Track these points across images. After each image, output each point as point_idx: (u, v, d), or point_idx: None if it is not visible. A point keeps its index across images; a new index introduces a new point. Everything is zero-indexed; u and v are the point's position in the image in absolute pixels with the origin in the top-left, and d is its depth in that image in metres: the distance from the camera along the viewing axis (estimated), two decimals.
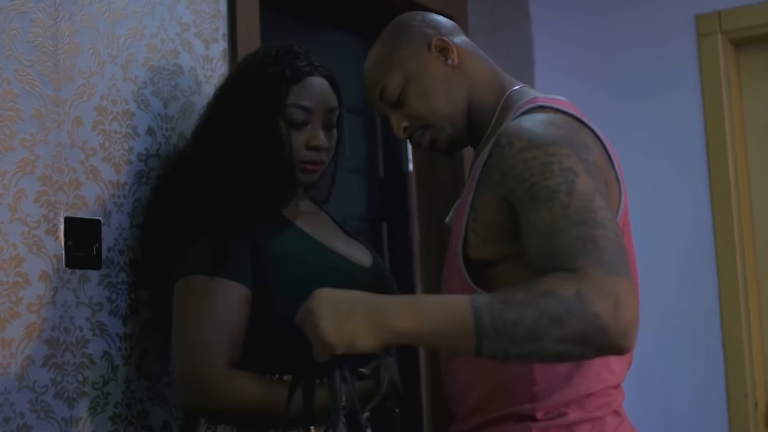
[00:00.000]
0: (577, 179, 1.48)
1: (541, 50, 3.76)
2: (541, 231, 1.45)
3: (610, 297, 1.37)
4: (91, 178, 1.98)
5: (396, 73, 1.81)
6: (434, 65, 1.80)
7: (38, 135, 1.89)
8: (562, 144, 1.53)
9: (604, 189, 1.52)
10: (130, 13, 2.10)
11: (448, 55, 1.80)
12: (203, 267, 1.83)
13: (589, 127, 1.65)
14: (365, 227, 3.14)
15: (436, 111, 1.80)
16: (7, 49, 1.85)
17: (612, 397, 1.66)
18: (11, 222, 1.82)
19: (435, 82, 1.79)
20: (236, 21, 2.35)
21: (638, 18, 3.59)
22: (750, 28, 3.44)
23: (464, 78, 1.81)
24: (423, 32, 1.83)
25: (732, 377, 3.36)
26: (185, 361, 1.80)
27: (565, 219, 1.44)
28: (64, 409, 1.88)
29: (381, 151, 3.23)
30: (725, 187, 3.40)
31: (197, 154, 1.99)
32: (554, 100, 1.70)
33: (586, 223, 1.42)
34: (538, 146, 1.53)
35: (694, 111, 3.47)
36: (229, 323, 1.80)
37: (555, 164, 1.49)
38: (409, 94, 1.81)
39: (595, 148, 1.60)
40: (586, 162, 1.51)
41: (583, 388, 1.61)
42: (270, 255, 1.86)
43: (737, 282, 3.36)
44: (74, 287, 1.92)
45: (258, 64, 1.97)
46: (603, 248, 1.40)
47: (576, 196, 1.45)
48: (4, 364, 1.79)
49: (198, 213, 1.89)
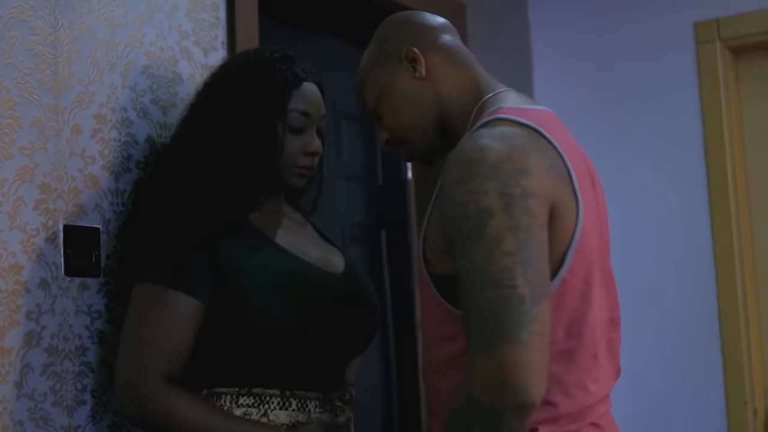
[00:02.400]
0: (491, 221, 1.49)
1: (540, 56, 3.76)
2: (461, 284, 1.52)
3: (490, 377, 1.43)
4: (90, 186, 1.98)
5: (371, 86, 1.83)
6: (403, 78, 1.80)
7: (37, 143, 1.89)
8: (487, 178, 1.51)
9: (528, 220, 1.50)
10: (129, 21, 2.11)
11: (417, 66, 1.79)
12: (158, 277, 1.82)
13: (548, 139, 1.61)
14: (364, 235, 3.14)
15: (405, 126, 1.80)
16: (6, 57, 1.85)
17: (590, 411, 1.64)
18: (10, 230, 1.82)
19: (403, 97, 1.79)
20: (235, 29, 2.35)
21: (637, 25, 3.59)
22: (748, 35, 3.44)
23: (435, 88, 1.79)
24: (397, 42, 1.81)
25: (731, 384, 3.36)
26: (122, 367, 1.80)
27: (469, 274, 1.49)
28: (63, 418, 1.88)
29: (380, 158, 3.23)
30: (724, 193, 3.40)
31: (180, 153, 1.97)
32: (518, 111, 1.66)
33: (481, 282, 1.47)
34: (463, 181, 1.53)
35: (692, 117, 3.48)
36: (173, 336, 1.80)
37: (472, 205, 1.51)
38: (382, 109, 1.82)
39: (541, 168, 1.56)
40: (509, 196, 1.50)
41: (554, 412, 1.59)
42: (233, 265, 1.85)
43: (736, 288, 3.36)
44: (73, 295, 1.92)
45: (255, 65, 1.96)
46: (487, 315, 1.45)
47: (483, 243, 1.48)
48: (3, 373, 1.79)
49: (162, 219, 1.88)
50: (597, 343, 1.64)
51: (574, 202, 1.60)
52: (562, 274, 1.58)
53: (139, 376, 1.77)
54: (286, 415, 1.84)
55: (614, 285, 1.74)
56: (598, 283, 1.65)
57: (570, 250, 1.58)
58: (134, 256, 1.91)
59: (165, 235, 1.86)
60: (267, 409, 1.83)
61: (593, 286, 1.63)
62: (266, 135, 1.91)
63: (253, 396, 1.84)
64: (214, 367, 1.84)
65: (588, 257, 1.62)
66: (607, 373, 1.69)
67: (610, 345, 1.71)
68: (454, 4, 3.33)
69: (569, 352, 1.60)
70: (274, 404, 1.84)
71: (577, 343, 1.61)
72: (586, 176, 1.68)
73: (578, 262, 1.60)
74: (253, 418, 1.82)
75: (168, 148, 2.06)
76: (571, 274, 1.59)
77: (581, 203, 1.61)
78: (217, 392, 1.84)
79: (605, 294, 1.69)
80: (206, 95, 2.00)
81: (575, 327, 1.61)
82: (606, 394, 1.69)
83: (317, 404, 1.88)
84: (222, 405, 1.83)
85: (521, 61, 3.73)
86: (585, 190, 1.64)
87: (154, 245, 1.86)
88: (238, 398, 1.83)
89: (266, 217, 1.98)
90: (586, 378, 1.61)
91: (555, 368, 1.55)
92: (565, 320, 1.59)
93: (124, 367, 1.80)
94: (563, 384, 1.59)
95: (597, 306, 1.65)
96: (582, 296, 1.61)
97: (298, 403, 1.85)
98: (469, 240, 1.50)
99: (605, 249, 1.72)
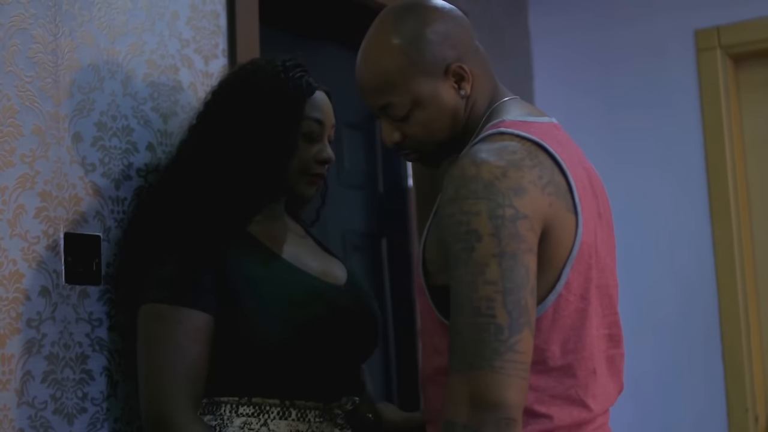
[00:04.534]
0: (478, 245, 1.51)
1: (541, 64, 3.77)
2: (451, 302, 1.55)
3: (465, 401, 1.48)
4: (91, 194, 1.98)
5: (407, 93, 1.70)
6: (447, 94, 1.71)
7: (38, 151, 1.89)
8: (480, 197, 1.52)
9: (515, 246, 1.51)
10: (130, 29, 2.11)
11: (463, 85, 1.71)
12: (168, 296, 1.82)
13: (549, 153, 1.60)
14: (365, 243, 3.14)
15: (435, 139, 1.74)
16: (7, 65, 1.85)
17: (587, 425, 1.64)
18: (11, 238, 1.82)
19: (443, 113, 1.71)
20: (236, 37, 2.36)
21: (638, 33, 3.60)
22: (749, 43, 3.45)
23: (470, 103, 1.73)
24: (443, 53, 1.69)
25: (732, 392, 3.35)
26: (148, 394, 1.80)
27: (455, 298, 1.53)
28: (63, 426, 1.88)
29: (381, 166, 3.23)
30: (725, 201, 3.41)
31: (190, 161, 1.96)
32: (520, 124, 1.65)
33: (464, 307, 1.51)
34: (458, 200, 1.55)
35: (693, 125, 3.48)
36: (192, 355, 1.80)
37: (463, 226, 1.53)
38: (414, 118, 1.71)
39: (536, 186, 1.56)
40: (500, 219, 1.51)
41: (549, 424, 1.60)
42: (237, 278, 1.85)
43: (737, 296, 3.36)
44: (74, 303, 1.92)
45: (270, 73, 1.95)
46: (467, 341, 1.49)
47: (469, 269, 1.51)
48: (3, 380, 1.79)
49: (169, 231, 1.88)
50: (595, 359, 1.64)
51: (573, 218, 1.60)
52: (559, 289, 1.59)
53: (167, 402, 1.77)
54: (285, 425, 1.84)
55: (613, 302, 1.72)
56: (595, 299, 1.65)
57: (567, 265, 1.59)
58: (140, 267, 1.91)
59: (171, 249, 1.86)
60: (267, 419, 1.83)
61: (591, 302, 1.63)
62: (283, 142, 1.91)
63: (253, 405, 1.84)
64: (215, 376, 1.84)
65: (585, 273, 1.62)
66: (607, 389, 1.69)
67: (611, 362, 1.71)
68: None
69: (566, 368, 1.60)
70: (274, 414, 1.84)
71: (573, 359, 1.61)
72: (589, 190, 1.67)
73: (575, 277, 1.60)
74: (253, 427, 1.82)
75: (176, 156, 2.05)
76: (567, 289, 1.59)
77: (581, 219, 1.60)
78: (217, 401, 1.84)
79: (603, 311, 1.68)
80: (218, 103, 1.98)
81: (572, 343, 1.61)
82: (606, 409, 1.69)
83: (317, 414, 1.87)
84: (222, 414, 1.83)
85: (522, 69, 3.73)
86: (586, 204, 1.63)
87: (160, 260, 1.85)
88: (238, 407, 1.83)
89: (267, 228, 1.98)
90: (583, 393, 1.62)
91: (551, 383, 1.58)
92: (562, 336, 1.60)
93: (151, 394, 1.79)
94: (559, 398, 1.60)
95: (595, 322, 1.65)
96: (579, 312, 1.61)
97: (297, 413, 1.85)
98: (458, 262, 1.53)
99: (607, 266, 1.70)
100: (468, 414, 1.47)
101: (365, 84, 1.74)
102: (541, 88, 3.75)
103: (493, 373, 1.47)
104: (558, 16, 3.73)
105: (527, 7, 3.79)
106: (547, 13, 3.75)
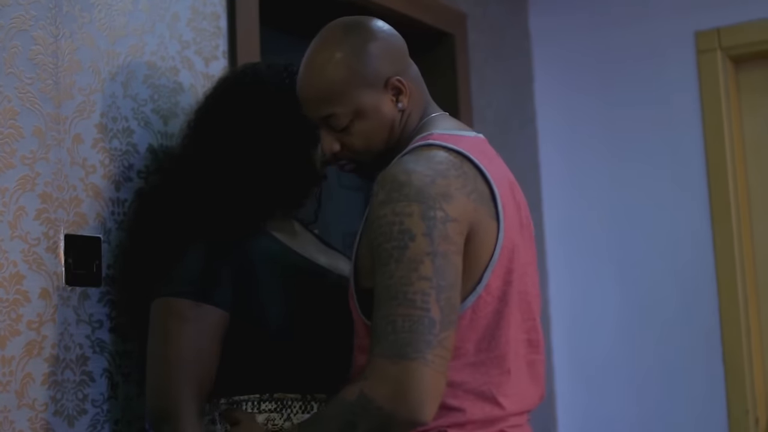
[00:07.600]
0: (412, 243, 1.59)
1: (541, 66, 3.77)
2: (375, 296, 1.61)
3: (390, 385, 1.54)
4: (92, 196, 1.98)
5: (347, 102, 1.77)
6: (386, 107, 1.79)
7: (39, 152, 1.89)
8: (411, 200, 1.61)
9: (446, 247, 1.60)
10: (131, 31, 2.11)
11: (401, 98, 1.79)
12: (185, 290, 1.82)
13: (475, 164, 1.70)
14: None
15: (372, 150, 1.81)
16: (7, 67, 1.85)
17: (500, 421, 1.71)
18: (11, 239, 1.82)
19: (382, 124, 1.79)
20: (236, 39, 2.36)
21: (638, 34, 3.60)
22: (749, 44, 3.45)
23: (404, 116, 1.81)
24: (383, 68, 1.78)
25: (733, 394, 3.35)
26: (156, 387, 1.81)
27: (385, 290, 1.58)
28: (63, 427, 1.88)
29: None
30: (725, 203, 3.41)
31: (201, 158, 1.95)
32: (448, 137, 1.74)
33: (397, 299, 1.57)
34: (390, 202, 1.62)
35: (693, 127, 3.48)
36: (205, 351, 1.81)
37: (396, 225, 1.60)
38: (355, 128, 1.79)
39: (462, 193, 1.65)
40: (431, 220, 1.60)
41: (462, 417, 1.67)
42: (255, 273, 1.86)
43: (737, 298, 3.36)
44: (74, 305, 1.92)
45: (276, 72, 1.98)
46: (399, 329, 1.55)
47: (402, 265, 1.58)
48: (3, 382, 1.79)
49: (186, 229, 1.88)
50: (510, 360, 1.72)
51: (495, 225, 1.69)
52: (479, 291, 1.68)
53: (173, 398, 1.78)
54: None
55: (532, 308, 1.80)
56: (514, 303, 1.73)
57: (488, 269, 1.68)
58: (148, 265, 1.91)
59: (187, 243, 1.86)
60: (290, 413, 1.85)
61: (509, 305, 1.71)
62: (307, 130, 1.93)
63: (275, 401, 1.85)
64: (234, 375, 1.85)
65: (505, 277, 1.71)
66: (524, 391, 1.76)
67: (532, 366, 1.79)
68: (455, 14, 3.34)
69: (478, 365, 1.69)
70: (296, 408, 1.85)
71: (485, 357, 1.69)
72: (511, 202, 1.76)
73: (495, 280, 1.69)
74: (276, 422, 1.84)
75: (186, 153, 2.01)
76: (486, 291, 1.68)
77: (502, 226, 1.70)
78: (237, 401, 1.85)
79: (522, 316, 1.76)
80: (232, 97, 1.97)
81: (485, 342, 1.70)
82: (522, 410, 1.76)
83: None
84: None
85: (522, 70, 3.73)
86: (509, 213, 1.73)
87: (177, 254, 1.85)
88: (260, 404, 1.84)
89: (280, 225, 2.00)
90: (496, 391, 1.69)
91: (463, 377, 1.67)
92: (477, 335, 1.69)
93: (158, 387, 1.80)
94: (471, 393, 1.68)
95: (513, 325, 1.73)
96: (495, 313, 1.70)
97: (319, 407, 1.86)
98: (389, 259, 1.59)
99: (527, 273, 1.78)
100: (388, 397, 1.54)
101: (309, 94, 1.81)
102: (542, 90, 3.75)
103: (425, 366, 1.54)
104: (558, 18, 3.73)
105: (527, 9, 3.79)
106: (548, 15, 3.75)
